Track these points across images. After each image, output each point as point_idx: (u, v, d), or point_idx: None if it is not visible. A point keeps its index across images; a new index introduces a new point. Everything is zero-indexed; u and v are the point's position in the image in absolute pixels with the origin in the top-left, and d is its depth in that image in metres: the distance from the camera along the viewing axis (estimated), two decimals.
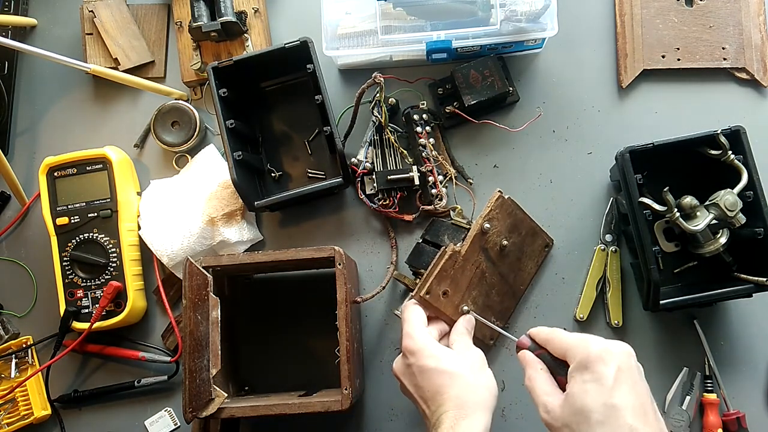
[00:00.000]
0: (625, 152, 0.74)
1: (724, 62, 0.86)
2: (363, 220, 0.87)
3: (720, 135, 0.73)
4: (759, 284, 0.73)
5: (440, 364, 0.64)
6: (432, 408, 0.63)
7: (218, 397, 0.71)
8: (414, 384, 0.66)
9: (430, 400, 0.64)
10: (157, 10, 0.94)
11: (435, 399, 0.63)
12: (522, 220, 0.81)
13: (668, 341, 0.81)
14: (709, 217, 0.73)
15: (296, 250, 0.75)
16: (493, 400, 0.64)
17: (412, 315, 0.70)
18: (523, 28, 0.80)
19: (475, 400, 0.62)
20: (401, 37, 0.81)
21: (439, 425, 0.61)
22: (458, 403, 0.61)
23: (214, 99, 0.80)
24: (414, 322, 0.69)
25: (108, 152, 0.84)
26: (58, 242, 0.83)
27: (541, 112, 0.87)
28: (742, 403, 0.79)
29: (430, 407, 0.64)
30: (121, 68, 0.91)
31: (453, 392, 0.62)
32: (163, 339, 0.85)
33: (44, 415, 0.83)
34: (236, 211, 0.84)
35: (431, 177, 0.83)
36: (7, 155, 0.90)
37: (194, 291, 0.72)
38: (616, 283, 0.81)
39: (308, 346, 0.84)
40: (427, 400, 0.64)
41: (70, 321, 0.82)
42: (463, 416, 0.60)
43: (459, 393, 0.62)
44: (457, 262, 0.74)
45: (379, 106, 0.82)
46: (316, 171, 0.88)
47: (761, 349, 0.80)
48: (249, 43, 0.89)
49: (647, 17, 0.87)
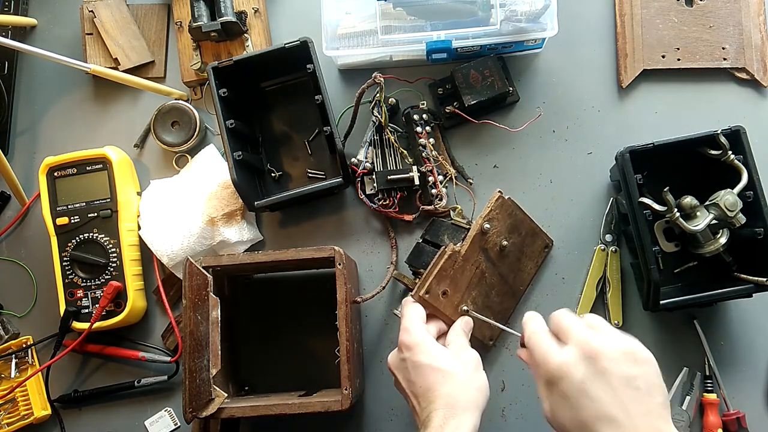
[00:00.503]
0: (625, 152, 0.74)
1: (724, 62, 0.86)
2: (363, 220, 0.87)
3: (720, 135, 0.73)
4: (759, 284, 0.72)
5: (434, 361, 0.64)
6: (423, 404, 0.64)
7: (218, 397, 0.71)
8: (407, 379, 0.66)
9: (421, 397, 0.64)
10: (157, 10, 0.94)
11: (426, 396, 0.63)
12: (522, 220, 0.81)
13: (668, 341, 0.81)
14: (709, 217, 0.73)
15: (296, 250, 0.75)
16: (483, 401, 0.64)
17: (411, 311, 0.70)
18: (523, 28, 0.80)
19: (465, 399, 0.62)
20: (401, 37, 0.81)
21: (429, 422, 0.61)
22: (449, 401, 0.62)
23: (214, 99, 0.80)
24: (412, 317, 0.69)
25: (108, 152, 0.84)
26: (58, 242, 0.83)
27: (541, 112, 0.87)
28: (742, 403, 0.79)
29: (421, 404, 0.64)
30: (121, 68, 0.91)
31: (444, 390, 0.63)
32: (163, 339, 0.86)
33: (44, 415, 0.83)
34: (236, 211, 0.84)
35: (431, 177, 0.83)
36: (7, 155, 0.90)
37: (194, 291, 0.72)
38: (616, 283, 0.81)
39: (308, 346, 0.84)
40: (418, 396, 0.64)
41: (70, 321, 0.82)
42: (452, 415, 0.61)
43: (450, 392, 0.62)
44: (457, 262, 0.74)
45: (379, 106, 0.82)
46: (316, 171, 0.87)
47: (761, 349, 0.80)
48: (249, 43, 0.89)
49: (647, 17, 0.87)
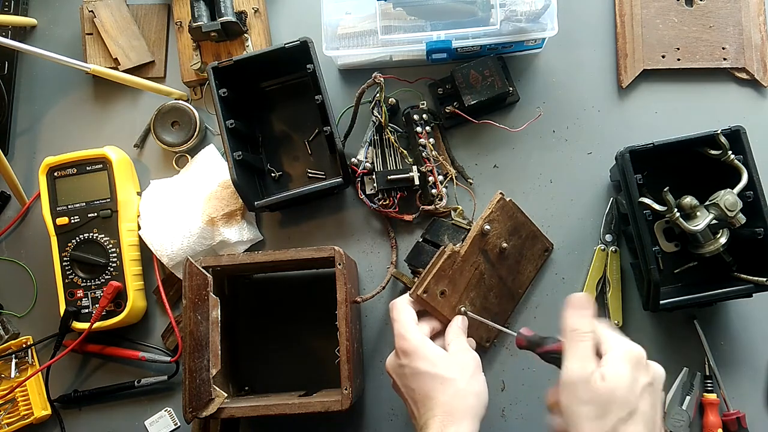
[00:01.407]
0: (625, 152, 0.74)
1: (724, 62, 0.86)
2: (363, 220, 0.87)
3: (720, 135, 0.73)
4: (759, 284, 0.72)
5: (433, 368, 0.64)
6: (421, 411, 0.64)
7: (218, 397, 0.71)
8: (405, 385, 0.66)
9: (419, 403, 0.64)
10: (157, 10, 0.94)
11: (425, 403, 0.63)
12: (523, 223, 0.81)
13: (668, 341, 0.81)
14: (709, 217, 0.73)
15: (296, 250, 0.75)
16: (482, 408, 0.64)
17: (402, 315, 0.69)
18: (523, 28, 0.80)
19: (464, 407, 0.62)
20: (401, 37, 0.81)
21: (426, 429, 0.61)
22: (447, 409, 0.62)
23: (214, 99, 0.80)
24: (405, 321, 0.68)
25: (108, 152, 0.84)
26: (58, 242, 0.83)
27: (541, 112, 0.87)
28: (742, 403, 0.79)
29: (420, 410, 0.64)
30: (121, 68, 0.91)
31: (443, 398, 0.63)
32: (163, 339, 0.85)
33: (44, 415, 0.83)
34: (236, 211, 0.84)
35: (431, 177, 0.83)
36: (7, 155, 0.90)
37: (194, 291, 0.72)
38: (616, 283, 0.81)
39: (308, 346, 0.84)
40: (416, 402, 0.64)
41: (70, 321, 0.82)
42: (450, 423, 0.61)
43: (449, 399, 0.62)
44: (456, 262, 0.74)
45: (379, 106, 0.82)
46: (316, 171, 0.87)
47: (761, 349, 0.80)
48: (249, 43, 0.89)
49: (647, 17, 0.87)
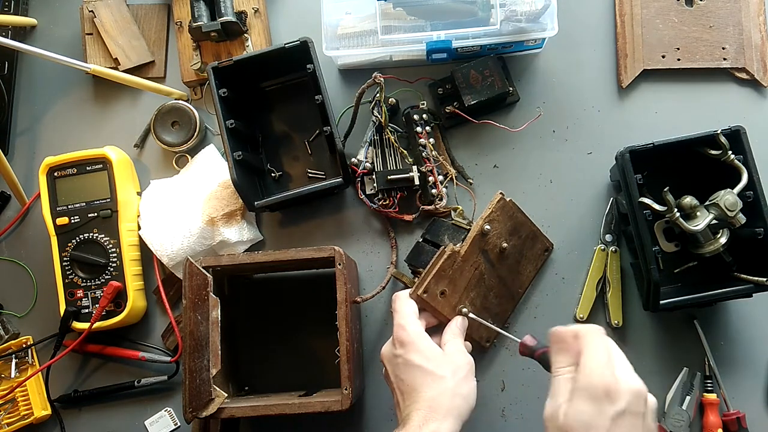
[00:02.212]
0: (625, 152, 0.74)
1: (724, 62, 0.86)
2: (363, 220, 0.87)
3: (720, 135, 0.73)
4: (759, 284, 0.72)
5: (426, 363, 0.65)
6: (407, 402, 0.64)
7: (218, 397, 0.71)
8: (396, 374, 0.67)
9: (406, 394, 0.65)
10: (157, 10, 0.94)
11: (411, 395, 0.64)
12: (523, 223, 0.81)
13: (668, 341, 0.81)
14: (709, 217, 0.73)
15: (296, 250, 0.75)
16: (467, 410, 0.64)
17: (404, 306, 0.70)
18: (523, 28, 0.80)
19: (449, 406, 0.62)
20: (401, 37, 0.81)
21: (408, 420, 0.61)
22: (432, 405, 0.62)
23: (214, 99, 0.80)
24: (406, 313, 0.69)
25: (108, 152, 0.84)
26: (58, 242, 0.83)
27: (541, 112, 0.87)
28: (742, 403, 0.79)
29: (405, 401, 0.65)
30: (121, 68, 0.91)
31: (429, 393, 0.63)
32: (163, 339, 0.85)
33: (44, 415, 0.83)
34: (236, 211, 0.84)
35: (431, 177, 0.83)
36: (7, 155, 0.90)
37: (194, 291, 0.72)
38: (616, 283, 0.81)
39: (308, 346, 0.84)
40: (403, 393, 0.65)
41: (70, 321, 0.82)
42: (432, 419, 0.61)
43: (435, 396, 0.63)
44: (456, 262, 0.74)
45: (379, 106, 0.82)
46: (316, 171, 0.87)
47: (761, 349, 0.80)
48: (249, 43, 0.89)
49: (647, 17, 0.87)
